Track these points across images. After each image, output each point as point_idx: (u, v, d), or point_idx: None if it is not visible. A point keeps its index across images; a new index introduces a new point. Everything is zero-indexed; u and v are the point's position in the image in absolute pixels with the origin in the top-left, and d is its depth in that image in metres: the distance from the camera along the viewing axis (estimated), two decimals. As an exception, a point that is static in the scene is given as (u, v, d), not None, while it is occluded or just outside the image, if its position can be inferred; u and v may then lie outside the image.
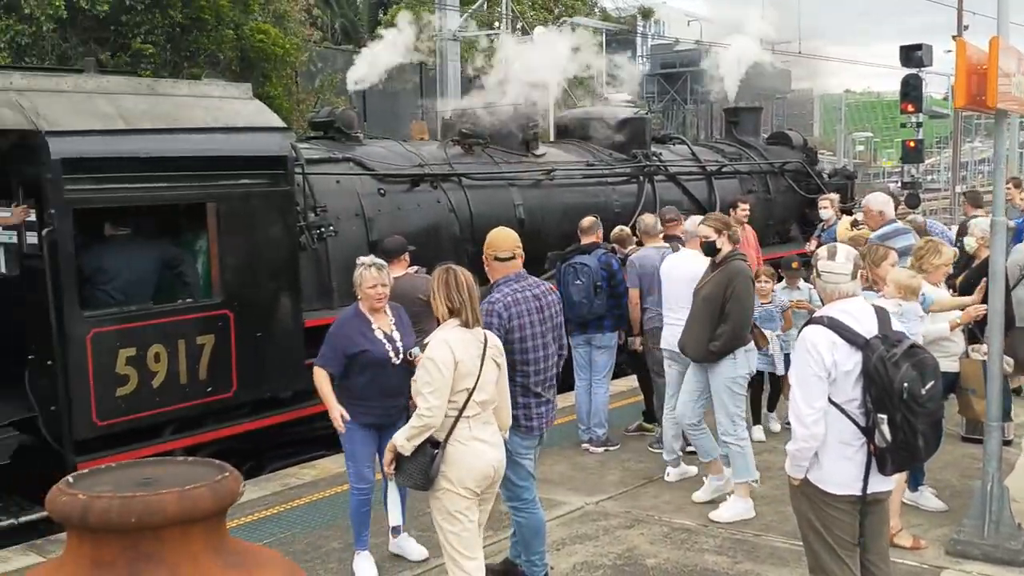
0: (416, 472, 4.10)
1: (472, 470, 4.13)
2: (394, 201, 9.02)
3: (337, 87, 16.29)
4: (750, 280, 6.03)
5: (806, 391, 3.84)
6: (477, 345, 4.19)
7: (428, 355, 4.11)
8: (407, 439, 4.08)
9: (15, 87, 6.38)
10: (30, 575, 1.90)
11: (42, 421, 6.39)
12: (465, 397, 4.11)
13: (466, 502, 4.14)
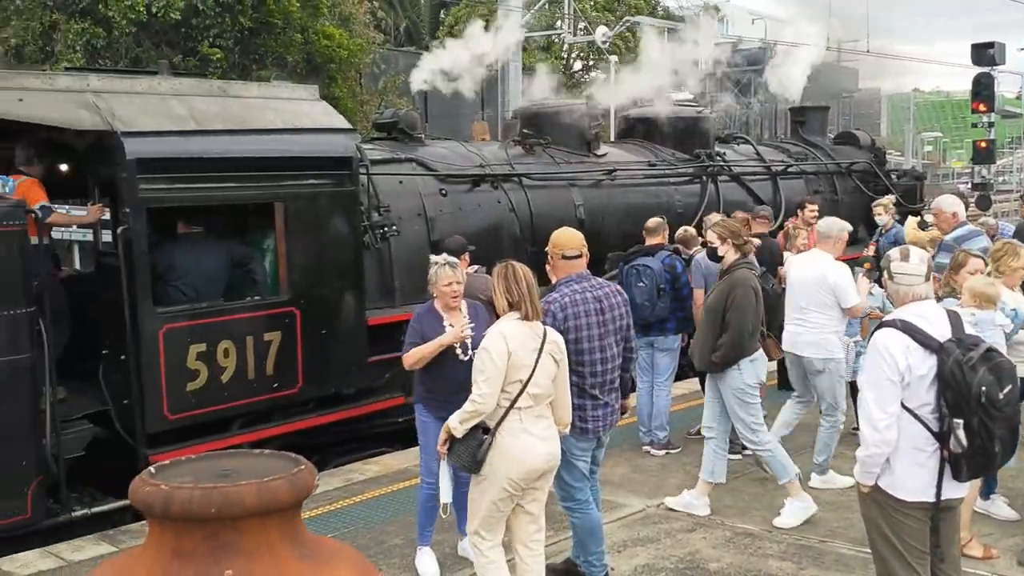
0: (465, 454, 4.24)
1: (518, 461, 4.21)
2: (455, 201, 9.08)
3: (399, 88, 16.47)
4: (752, 290, 5.93)
5: (879, 395, 3.76)
6: (534, 339, 4.26)
7: (483, 345, 4.25)
8: (460, 422, 4.23)
9: (92, 88, 6.59)
10: (113, 562, 1.96)
11: (115, 414, 6.58)
12: (518, 389, 4.19)
13: (503, 493, 4.24)
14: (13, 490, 5.75)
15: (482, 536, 4.35)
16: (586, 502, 4.83)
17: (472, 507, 4.43)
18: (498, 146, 10.19)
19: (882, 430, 3.75)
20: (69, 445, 6.21)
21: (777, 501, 6.34)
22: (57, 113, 6.25)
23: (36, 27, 12.96)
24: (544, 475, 4.35)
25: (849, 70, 42.14)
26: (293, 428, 7.28)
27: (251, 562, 1.78)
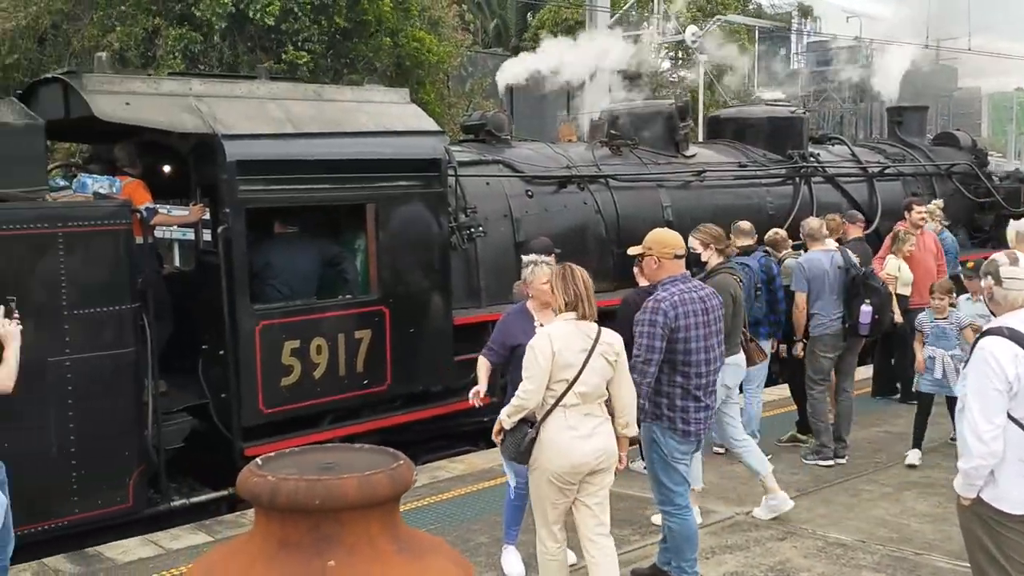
0: (511, 446, 4.41)
1: (560, 456, 4.29)
2: (541, 202, 9.10)
3: (486, 90, 16.59)
4: (729, 295, 5.85)
5: (985, 405, 3.62)
6: (584, 339, 4.33)
7: (530, 344, 4.38)
8: (507, 415, 4.39)
9: (194, 92, 6.84)
10: (223, 549, 2.04)
11: (213, 408, 6.81)
12: (564, 387, 4.28)
13: (552, 485, 4.33)
14: (116, 480, 6.00)
15: (540, 528, 4.47)
16: (685, 507, 4.79)
17: (533, 505, 4.54)
18: (585, 147, 10.18)
19: (988, 441, 3.60)
20: (169, 437, 6.46)
21: (872, 511, 6.18)
22: (162, 116, 6.51)
23: (139, 33, 13.50)
24: (599, 472, 4.37)
25: (948, 68, 40.57)
26: (382, 425, 7.42)
27: (352, 554, 1.83)
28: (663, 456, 4.76)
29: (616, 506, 6.15)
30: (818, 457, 7.18)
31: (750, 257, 7.37)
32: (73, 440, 5.76)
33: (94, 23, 13.72)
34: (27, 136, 6.10)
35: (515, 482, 5.26)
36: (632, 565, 5.30)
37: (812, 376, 7.20)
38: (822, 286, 7.07)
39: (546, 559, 4.49)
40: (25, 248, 5.60)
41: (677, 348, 4.66)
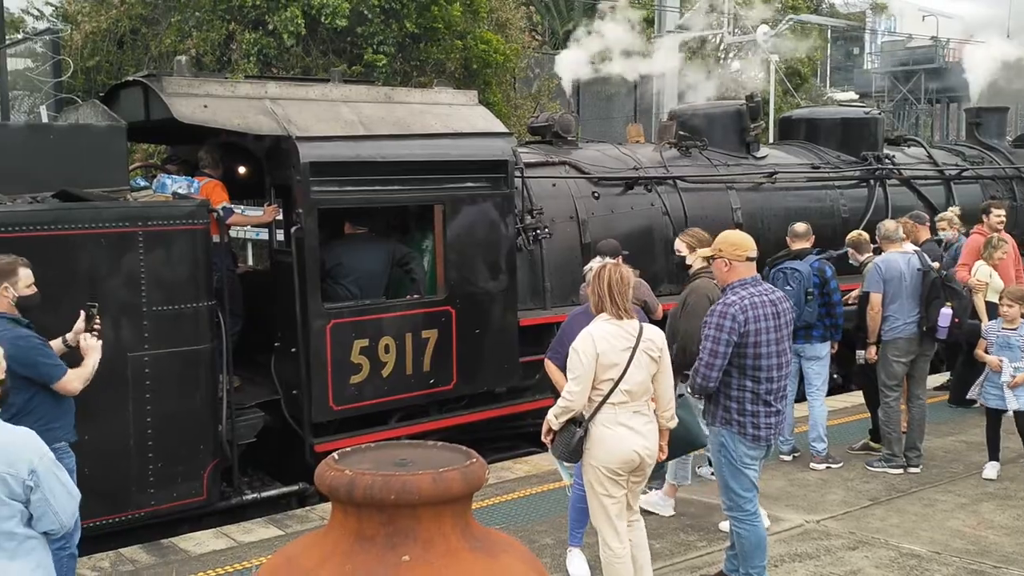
0: (561, 445, 4.50)
1: (613, 452, 4.38)
2: (607, 204, 9.07)
3: (553, 92, 16.59)
4: (707, 299, 5.72)
5: None
6: (626, 338, 4.41)
7: (573, 346, 4.46)
8: (555, 416, 4.47)
9: (270, 95, 7.00)
10: (302, 541, 2.08)
11: (284, 403, 6.95)
12: (610, 385, 4.36)
13: (607, 479, 4.42)
14: (191, 473, 6.16)
15: (604, 528, 4.51)
16: (754, 513, 4.74)
17: (590, 506, 4.60)
18: (653, 148, 10.10)
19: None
20: (242, 431, 6.61)
21: (947, 522, 6.01)
22: (238, 119, 6.67)
23: (215, 38, 13.85)
24: (641, 467, 4.48)
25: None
26: (447, 424, 7.47)
27: (426, 550, 1.85)
28: (732, 461, 4.72)
29: (683, 512, 6.16)
30: (887, 465, 7.01)
31: (802, 261, 7.23)
32: (151, 433, 5.94)
33: (172, 28, 14.12)
34: (109, 137, 6.32)
35: (577, 484, 5.26)
36: (699, 572, 5.25)
37: (885, 382, 7.03)
38: (898, 288, 6.92)
39: (611, 560, 4.49)
40: (107, 247, 5.79)
41: (747, 352, 4.62)
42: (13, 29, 16.71)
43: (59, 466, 3.02)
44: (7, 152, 5.94)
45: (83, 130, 6.42)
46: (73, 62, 13.90)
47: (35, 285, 4.72)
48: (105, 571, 5.40)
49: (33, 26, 17.04)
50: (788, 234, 7.57)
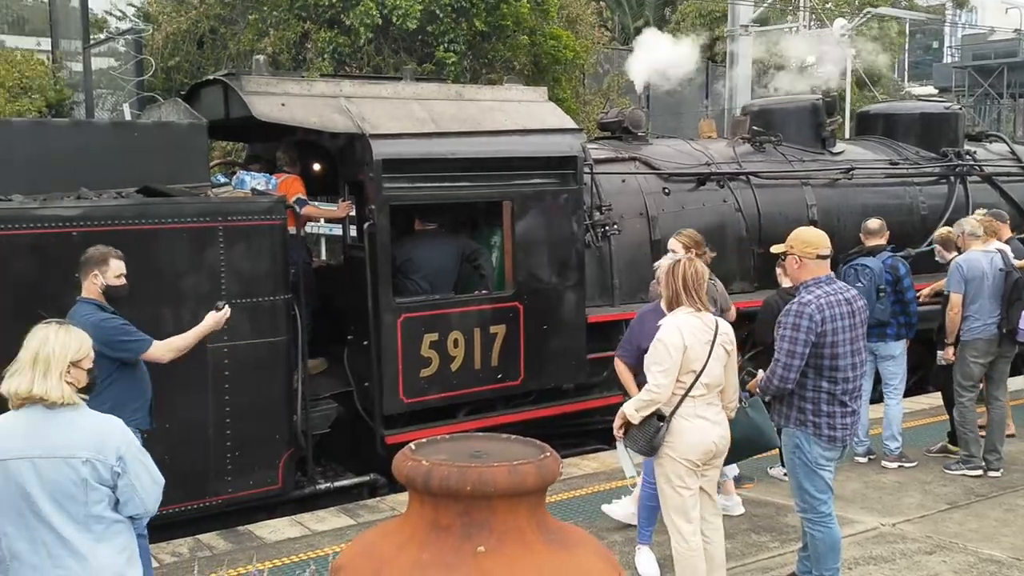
0: (641, 439, 4.48)
1: (694, 444, 4.41)
2: (678, 200, 8.98)
3: (622, 87, 16.49)
4: (714, 302, 5.62)
5: None
6: (707, 331, 4.45)
7: (659, 337, 4.46)
8: (635, 409, 4.44)
9: (344, 93, 7.12)
10: (380, 528, 2.13)
11: (357, 395, 7.09)
12: (692, 379, 4.39)
13: (686, 471, 4.45)
14: (267, 461, 6.32)
15: (677, 520, 4.52)
16: (829, 515, 4.67)
17: (661, 497, 4.61)
18: (725, 143, 9.96)
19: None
20: (316, 422, 6.76)
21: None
22: (314, 117, 6.81)
23: (291, 37, 14.15)
24: (716, 456, 4.53)
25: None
26: (515, 419, 7.50)
27: (502, 541, 1.88)
28: (807, 463, 4.64)
29: (754, 512, 6.08)
30: (965, 467, 6.82)
31: (874, 258, 7.07)
32: (229, 423, 6.11)
33: (250, 27, 14.47)
34: (191, 135, 6.51)
35: (647, 481, 5.24)
36: (770, 573, 5.18)
37: (961, 382, 6.84)
38: (979, 288, 6.72)
39: (685, 553, 4.49)
40: (189, 241, 5.97)
41: (823, 352, 4.55)
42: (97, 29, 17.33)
43: (144, 453, 3.14)
44: (94, 149, 6.16)
45: (166, 128, 6.63)
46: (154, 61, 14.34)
47: (124, 278, 4.89)
48: (184, 557, 5.57)
49: (116, 26, 17.65)
50: (861, 231, 7.43)
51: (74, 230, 5.53)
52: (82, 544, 2.95)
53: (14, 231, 5.43)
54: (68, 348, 3.02)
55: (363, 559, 1.93)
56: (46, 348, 2.98)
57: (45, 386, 2.95)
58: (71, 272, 5.17)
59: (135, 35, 14.97)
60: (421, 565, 1.83)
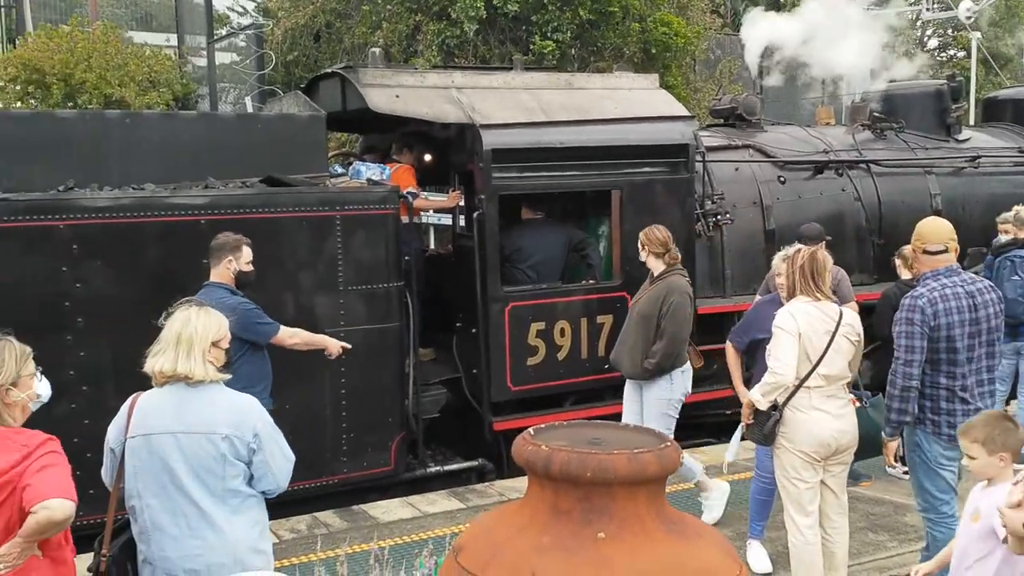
0: (756, 428, 4.50)
1: (809, 436, 4.34)
2: (794, 189, 8.75)
3: (735, 74, 16.14)
4: (688, 297, 5.74)
5: None
6: (827, 321, 4.37)
7: (775, 324, 4.43)
8: (762, 395, 4.42)
9: (455, 84, 7.22)
10: (500, 511, 2.17)
11: (465, 382, 7.20)
12: (808, 368, 4.32)
13: (802, 463, 4.38)
14: (380, 443, 6.50)
15: (794, 514, 4.46)
16: (951, 516, 4.49)
17: (780, 488, 4.56)
18: (844, 130, 9.64)
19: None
20: (427, 406, 6.90)
21: None
22: (427, 108, 6.92)
23: (402, 29, 14.41)
24: (842, 452, 4.44)
25: None
26: (621, 410, 7.46)
27: (622, 528, 1.89)
28: (927, 461, 4.48)
29: (872, 511, 5.90)
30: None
31: None
32: (345, 405, 6.30)
33: (363, 20, 14.80)
34: (311, 126, 6.72)
35: (759, 475, 5.17)
36: (888, 572, 5.02)
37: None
38: None
39: (801, 547, 4.43)
40: (309, 229, 6.18)
41: (940, 347, 4.38)
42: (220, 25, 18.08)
43: (277, 431, 3.28)
44: (220, 140, 6.44)
45: (287, 119, 6.87)
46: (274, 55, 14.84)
47: (251, 265, 5.12)
48: (301, 533, 5.79)
49: (237, 22, 18.36)
50: (1012, 221, 7.04)
51: (202, 218, 5.80)
52: (219, 516, 3.11)
53: (147, 218, 5.74)
54: (209, 329, 3.18)
55: (484, 540, 1.97)
56: (188, 329, 3.14)
57: (189, 365, 3.12)
58: (199, 258, 5.44)
59: (256, 30, 15.53)
60: (541, 548, 1.86)
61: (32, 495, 2.64)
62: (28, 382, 2.86)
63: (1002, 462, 3.32)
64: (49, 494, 2.63)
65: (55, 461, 2.76)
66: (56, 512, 2.62)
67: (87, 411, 5.50)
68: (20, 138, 5.85)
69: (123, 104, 11.79)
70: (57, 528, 2.70)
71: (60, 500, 2.63)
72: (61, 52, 12.01)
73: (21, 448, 2.72)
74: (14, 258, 5.44)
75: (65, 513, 2.65)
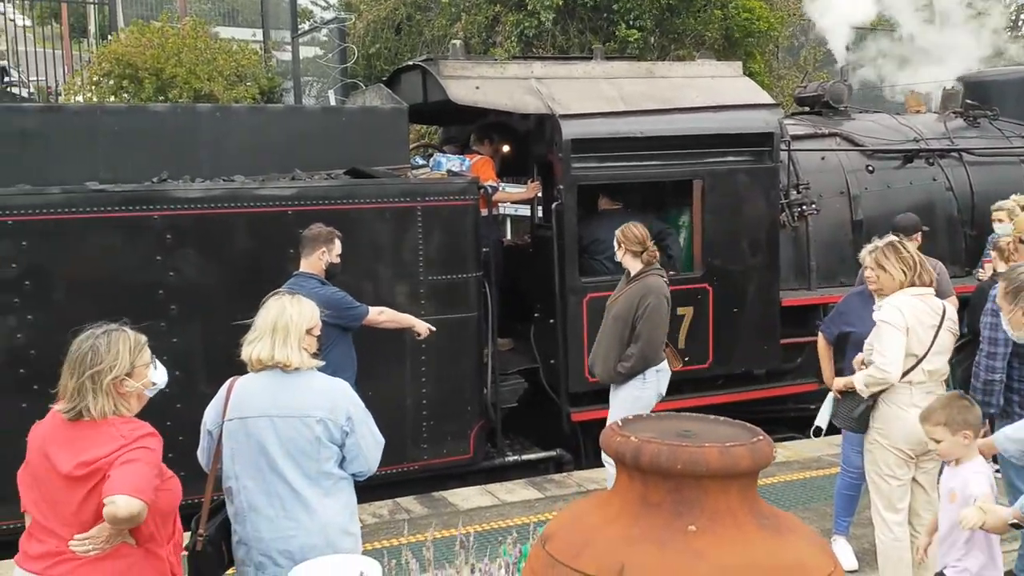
0: (843, 411, 4.48)
1: (905, 433, 4.25)
2: (883, 178, 8.51)
3: (820, 60, 15.73)
4: (664, 298, 5.49)
5: None
6: (932, 315, 4.27)
7: (881, 317, 4.30)
8: (865, 384, 4.32)
9: (535, 75, 7.22)
10: (586, 500, 2.17)
11: (543, 372, 7.21)
12: (913, 362, 4.22)
13: (896, 460, 4.32)
14: (460, 432, 6.56)
15: (884, 510, 4.40)
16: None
17: (870, 484, 4.50)
18: (936, 118, 9.33)
19: None
20: (505, 396, 6.94)
21: None
22: (507, 99, 6.94)
23: (481, 21, 14.45)
24: None
25: None
26: (702, 403, 7.38)
27: (713, 521, 1.87)
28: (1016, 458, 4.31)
29: (963, 510, 5.69)
30: None
31: None
32: (425, 393, 6.39)
33: (442, 12, 14.90)
34: (393, 119, 6.82)
35: (845, 470, 5.06)
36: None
37: None
38: None
39: (890, 544, 4.35)
40: (391, 220, 6.27)
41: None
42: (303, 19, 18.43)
43: (368, 415, 3.35)
44: (306, 133, 6.57)
45: (370, 112, 6.98)
46: (356, 49, 15.06)
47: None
48: (383, 518, 5.90)
49: (320, 16, 18.69)
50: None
51: (289, 209, 5.94)
52: (312, 498, 3.19)
53: (236, 209, 5.90)
54: (303, 317, 3.26)
55: (573, 529, 1.98)
56: (284, 318, 3.22)
57: (285, 353, 3.20)
58: (286, 247, 5.57)
59: (339, 24, 15.78)
60: (631, 539, 1.86)
61: (107, 487, 2.67)
62: (143, 372, 2.90)
63: (966, 439, 3.49)
64: (118, 490, 2.63)
65: (140, 457, 2.75)
66: (120, 509, 2.61)
67: (179, 396, 5.68)
68: (116, 131, 6.08)
69: (212, 98, 12.13)
70: (124, 523, 2.68)
71: (126, 498, 2.62)
72: (153, 47, 12.39)
73: (120, 439, 2.77)
74: (111, 247, 5.66)
75: (129, 511, 2.62)
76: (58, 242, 5.53)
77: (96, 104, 10.85)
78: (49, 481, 2.80)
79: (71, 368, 2.83)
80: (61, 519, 2.78)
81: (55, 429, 2.85)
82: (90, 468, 2.73)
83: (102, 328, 2.93)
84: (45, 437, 2.86)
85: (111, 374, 2.80)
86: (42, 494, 2.83)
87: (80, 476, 2.73)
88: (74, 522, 2.77)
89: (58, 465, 2.77)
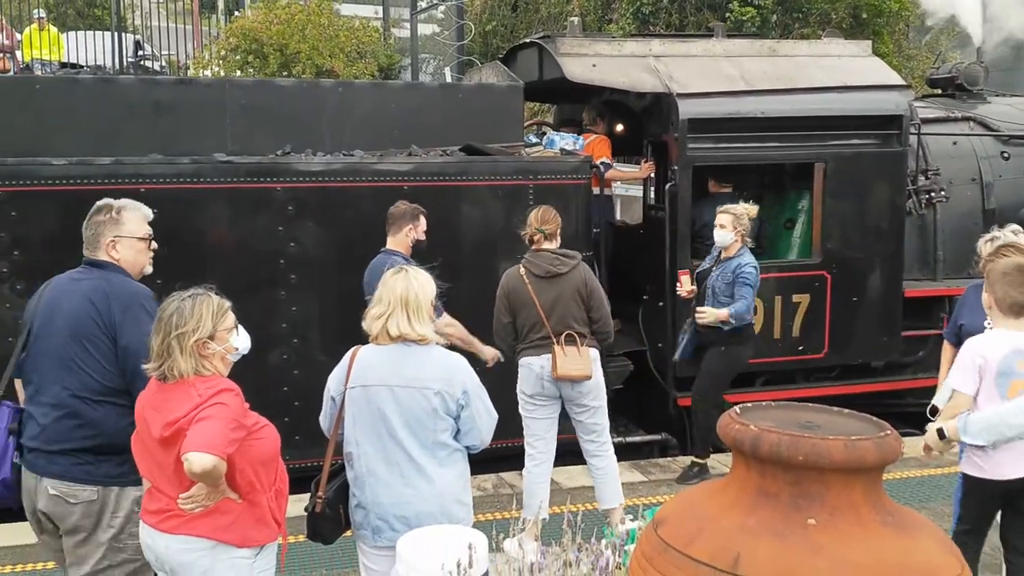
0: None
1: None
2: (1020, 166, 8.04)
3: (954, 40, 14.93)
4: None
5: None
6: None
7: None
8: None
9: (653, 53, 7.10)
10: (700, 488, 2.14)
11: (650, 355, 7.13)
12: None
13: None
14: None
15: None
16: None
17: None
18: (1084, 102, 8.73)
19: None
20: (611, 377, 6.86)
21: None
22: (623, 77, 6.85)
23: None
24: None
25: None
26: (816, 393, 7.15)
27: (834, 515, 1.81)
28: None
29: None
30: None
31: None
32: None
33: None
34: (508, 96, 6.83)
35: None
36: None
37: None
38: None
39: None
40: (503, 197, 6.29)
41: None
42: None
43: (483, 389, 3.38)
44: (423, 109, 6.65)
45: (486, 89, 7.00)
46: (473, 26, 15.13)
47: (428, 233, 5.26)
48: (487, 491, 5.97)
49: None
50: None
51: (405, 184, 6.03)
52: (428, 466, 3.25)
53: (355, 183, 6.03)
54: (427, 292, 3.32)
55: (687, 515, 1.95)
56: (412, 291, 3.27)
57: (418, 325, 3.25)
58: (402, 222, 5.63)
59: (456, 2, 15.88)
60: (748, 529, 1.82)
61: (184, 445, 2.74)
62: (224, 336, 2.97)
63: None
64: (190, 447, 2.69)
65: (214, 414, 2.79)
66: (194, 464, 2.67)
67: (296, 362, 5.90)
68: (243, 104, 6.29)
69: (332, 74, 12.41)
70: (203, 478, 2.74)
71: (199, 454, 2.67)
72: (278, 23, 12.76)
73: (196, 398, 2.84)
74: (236, 217, 5.87)
75: (202, 466, 2.66)
76: (186, 211, 5.76)
77: (224, 78, 11.24)
78: (151, 444, 2.93)
79: (158, 329, 2.93)
80: (166, 479, 2.90)
81: (151, 395, 2.97)
82: (173, 429, 2.82)
83: (189, 292, 3.01)
84: (144, 403, 2.99)
85: (194, 336, 2.89)
86: (148, 457, 2.96)
87: (167, 437, 2.84)
88: (175, 481, 2.88)
89: (152, 429, 2.89)
